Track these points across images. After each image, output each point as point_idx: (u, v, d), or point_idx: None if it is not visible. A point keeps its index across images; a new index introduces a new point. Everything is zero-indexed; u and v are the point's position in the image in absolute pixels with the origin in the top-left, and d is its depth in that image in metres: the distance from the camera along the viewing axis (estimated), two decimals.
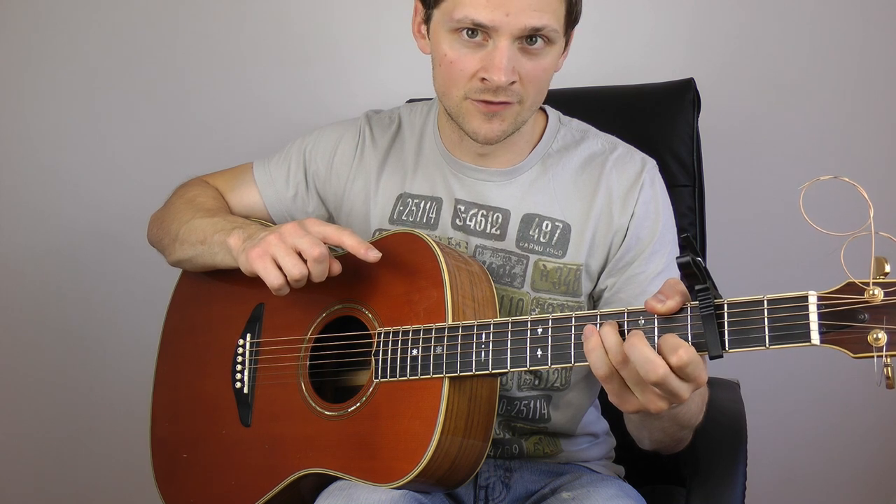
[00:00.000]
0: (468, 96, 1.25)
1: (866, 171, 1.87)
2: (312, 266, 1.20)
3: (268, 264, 1.21)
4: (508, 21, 1.18)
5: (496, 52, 1.20)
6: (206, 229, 1.36)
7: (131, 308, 2.09)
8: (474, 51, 1.22)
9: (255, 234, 1.27)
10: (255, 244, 1.23)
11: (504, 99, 1.24)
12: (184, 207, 1.44)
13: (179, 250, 1.42)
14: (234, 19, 2.07)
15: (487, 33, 1.20)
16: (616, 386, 1.03)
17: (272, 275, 1.21)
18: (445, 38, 1.24)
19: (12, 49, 2.10)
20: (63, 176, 2.13)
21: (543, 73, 1.25)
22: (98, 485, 2.20)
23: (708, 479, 1.34)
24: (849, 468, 2.01)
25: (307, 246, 1.20)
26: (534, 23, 1.19)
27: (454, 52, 1.23)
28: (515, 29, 1.19)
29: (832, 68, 1.89)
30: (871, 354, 0.90)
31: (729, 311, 0.98)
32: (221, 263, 1.35)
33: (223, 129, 2.08)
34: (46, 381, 2.18)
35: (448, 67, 1.25)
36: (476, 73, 1.22)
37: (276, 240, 1.21)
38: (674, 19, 1.93)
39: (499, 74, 1.20)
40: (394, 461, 1.16)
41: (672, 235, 1.35)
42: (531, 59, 1.23)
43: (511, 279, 1.34)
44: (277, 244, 1.21)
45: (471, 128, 1.27)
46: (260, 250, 1.22)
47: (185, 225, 1.40)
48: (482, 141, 1.28)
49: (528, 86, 1.24)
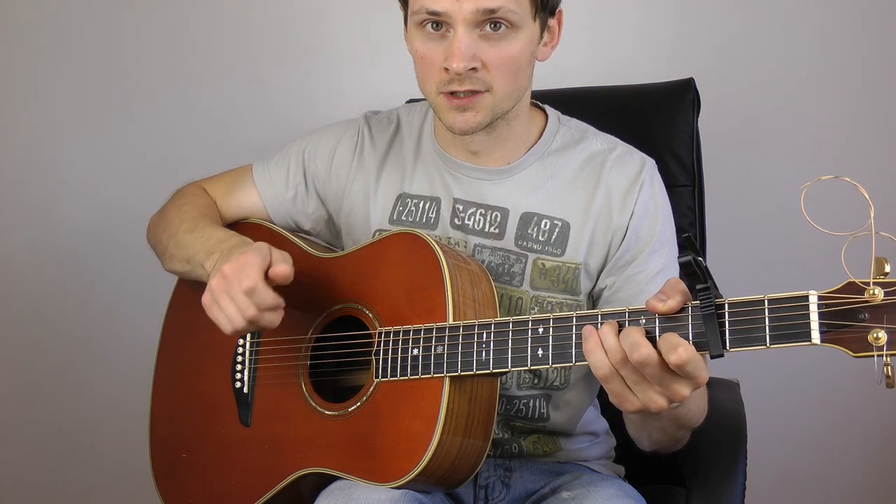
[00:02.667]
0: (440, 90, 1.25)
1: (866, 171, 1.87)
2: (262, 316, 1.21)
3: (216, 314, 1.23)
4: (460, 6, 1.18)
5: (454, 40, 1.20)
6: (188, 248, 1.36)
7: (131, 308, 2.09)
8: (438, 43, 1.23)
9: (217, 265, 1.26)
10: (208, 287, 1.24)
11: (469, 87, 1.23)
12: (174, 218, 1.44)
13: (170, 263, 1.43)
14: (233, 21, 2.07)
15: (448, 23, 1.21)
16: (616, 386, 1.03)
17: (225, 325, 1.22)
18: (416, 34, 1.25)
19: (13, 49, 2.10)
20: (63, 176, 2.13)
21: (511, 61, 1.24)
22: (97, 485, 2.20)
23: (708, 479, 1.34)
24: (849, 468, 2.01)
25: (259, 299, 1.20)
26: (485, 4, 1.19)
27: (423, 46, 1.24)
28: (468, 13, 1.19)
29: (832, 68, 1.89)
30: (872, 354, 0.91)
31: (730, 311, 0.98)
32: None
33: (223, 130, 2.08)
34: (46, 381, 2.18)
35: (420, 63, 1.26)
36: (442, 64, 1.23)
37: (217, 288, 1.21)
38: (674, 19, 1.93)
39: (457, 61, 1.20)
40: (394, 461, 1.16)
41: (671, 235, 1.35)
42: (494, 44, 1.22)
43: (510, 278, 1.34)
44: (219, 294, 1.21)
45: (447, 122, 1.28)
46: (207, 298, 1.23)
47: (172, 239, 1.41)
48: (458, 132, 1.28)
49: (494, 72, 1.23)
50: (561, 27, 1.32)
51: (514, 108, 1.30)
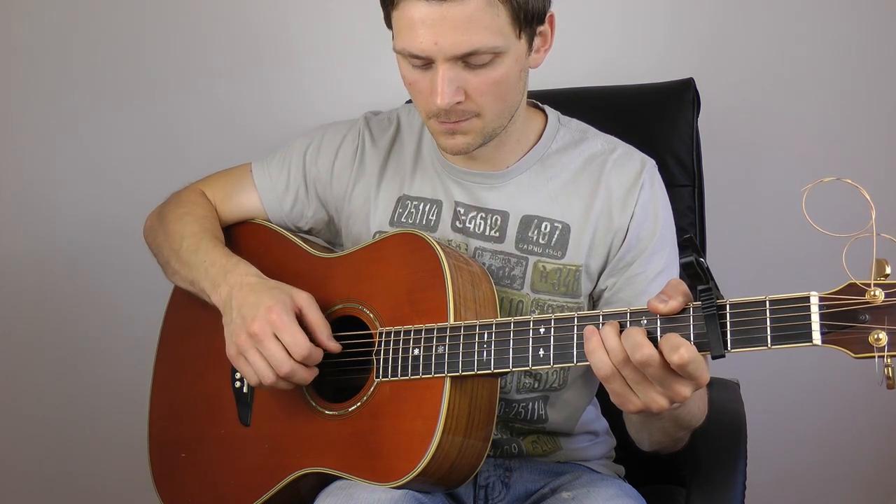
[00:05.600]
0: (430, 115, 1.25)
1: (868, 172, 1.87)
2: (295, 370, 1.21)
3: (243, 367, 1.24)
4: (439, 49, 1.16)
5: (436, 77, 1.19)
6: (191, 271, 1.36)
7: (131, 308, 2.08)
8: (423, 73, 1.21)
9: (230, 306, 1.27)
10: (231, 336, 1.25)
11: (456, 119, 1.23)
12: (175, 230, 1.43)
13: (173, 278, 1.44)
14: (231, 20, 2.06)
15: (427, 59, 1.19)
16: (618, 386, 1.03)
17: (251, 378, 1.23)
18: (401, 61, 1.24)
19: (11, 49, 2.10)
20: (63, 176, 2.12)
21: (497, 86, 1.22)
22: (96, 485, 2.20)
23: (708, 479, 1.34)
24: (849, 468, 2.01)
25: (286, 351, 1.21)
26: (463, 48, 1.16)
27: (411, 75, 1.23)
28: (447, 55, 1.17)
29: (833, 68, 1.89)
30: (872, 355, 0.91)
31: (731, 312, 0.98)
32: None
33: (222, 129, 2.07)
34: (44, 381, 2.17)
35: (411, 89, 1.25)
36: (429, 96, 1.22)
37: (246, 345, 1.22)
38: (674, 19, 1.93)
39: (440, 99, 1.19)
40: (394, 460, 1.17)
41: (672, 236, 1.35)
42: (478, 73, 1.19)
43: (511, 281, 1.34)
44: (247, 349, 1.22)
45: (439, 143, 1.29)
46: (233, 351, 1.24)
47: (174, 256, 1.40)
48: (451, 153, 1.29)
49: (480, 99, 1.22)
50: (554, 29, 1.28)
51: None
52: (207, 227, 1.42)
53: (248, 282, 1.28)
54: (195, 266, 1.36)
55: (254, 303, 1.23)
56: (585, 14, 1.87)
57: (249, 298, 1.24)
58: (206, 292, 1.33)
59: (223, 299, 1.28)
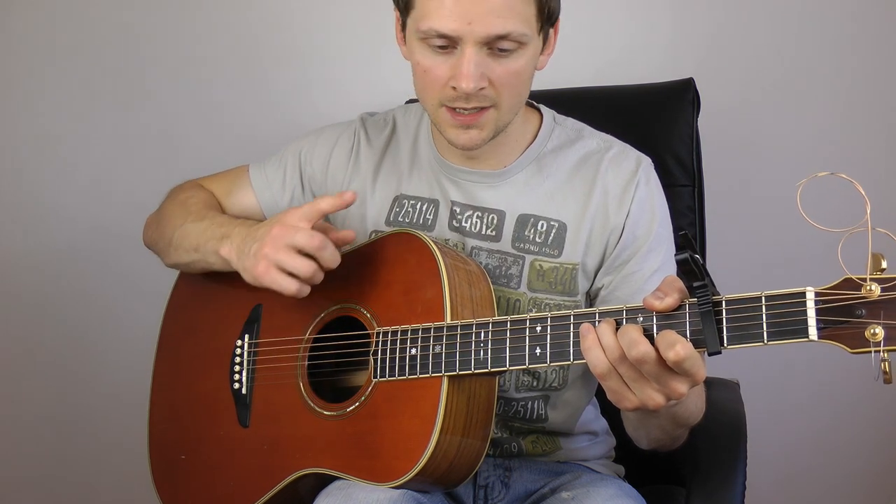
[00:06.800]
0: (443, 103, 1.25)
1: (864, 169, 1.87)
2: (321, 256, 1.22)
3: (276, 276, 1.23)
4: (472, 29, 1.17)
5: (462, 59, 1.19)
6: (198, 236, 1.37)
7: (130, 308, 2.09)
8: (444, 58, 1.21)
9: (245, 244, 1.28)
10: (254, 260, 1.24)
11: (476, 104, 1.23)
12: (177, 211, 1.45)
13: (175, 255, 1.43)
14: (231, 20, 2.06)
15: (454, 41, 1.20)
16: (614, 383, 1.03)
17: (286, 283, 1.22)
18: (417, 46, 1.24)
19: (10, 49, 2.10)
20: (63, 175, 2.12)
21: (516, 77, 1.24)
22: (96, 485, 2.20)
23: (708, 479, 1.33)
24: (849, 467, 2.00)
25: (305, 241, 1.21)
26: (497, 30, 1.18)
27: (426, 60, 1.23)
28: (479, 36, 1.18)
29: (832, 68, 1.89)
30: (869, 349, 0.91)
31: (727, 308, 0.98)
32: (218, 269, 1.37)
33: (221, 130, 2.08)
34: (45, 381, 2.18)
35: (422, 76, 1.25)
36: (448, 82, 1.22)
37: (272, 249, 1.22)
38: (674, 19, 1.93)
39: (466, 82, 1.19)
40: (393, 460, 1.16)
41: (668, 233, 1.35)
42: (501, 62, 1.21)
43: (507, 280, 1.34)
44: (275, 253, 1.22)
45: (448, 136, 1.28)
46: (263, 265, 1.23)
47: (178, 230, 1.41)
48: (461, 148, 1.29)
49: (500, 89, 1.23)
50: (557, 35, 1.31)
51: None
52: (212, 205, 1.46)
53: (253, 223, 1.32)
54: (200, 231, 1.37)
55: (261, 230, 1.26)
56: (586, 14, 1.87)
57: (259, 230, 1.27)
58: (214, 249, 1.33)
59: (235, 245, 1.30)
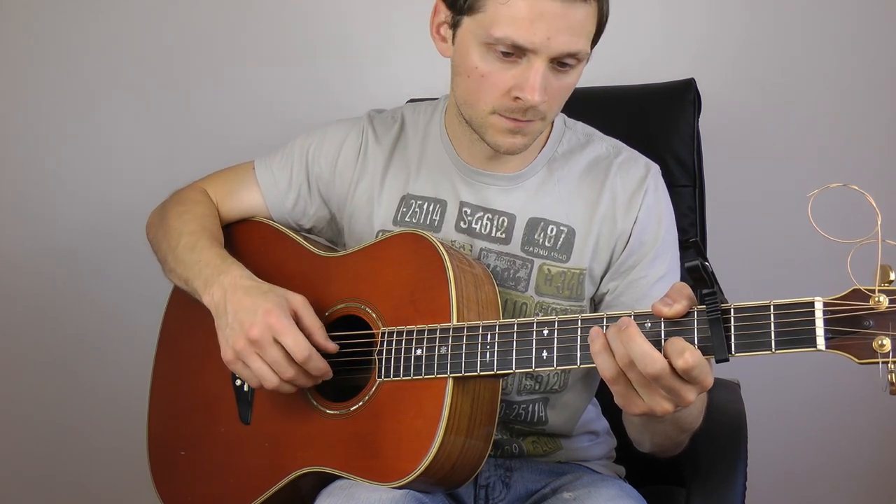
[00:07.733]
0: (497, 111, 1.23)
1: (869, 171, 1.88)
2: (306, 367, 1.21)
3: (242, 371, 1.23)
4: (549, 45, 1.16)
5: (531, 71, 1.18)
6: (186, 269, 1.35)
7: (131, 306, 2.08)
8: (508, 67, 1.20)
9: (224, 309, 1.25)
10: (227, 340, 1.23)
11: (531, 117, 1.23)
12: (174, 227, 1.42)
13: (169, 275, 1.43)
14: (239, 15, 2.06)
15: (523, 51, 1.18)
16: (622, 388, 1.03)
17: (252, 381, 1.23)
18: (477, 49, 1.21)
19: (12, 48, 2.09)
20: (63, 175, 2.12)
21: (567, 91, 1.25)
22: (95, 483, 2.19)
23: (708, 480, 1.34)
24: (849, 469, 2.01)
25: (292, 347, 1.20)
26: (571, 48, 1.18)
27: (487, 65, 1.20)
28: (554, 52, 1.17)
29: (833, 68, 1.89)
30: (876, 360, 0.91)
31: (735, 316, 0.98)
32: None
33: (226, 127, 2.07)
34: (43, 379, 2.17)
35: (478, 81, 1.22)
36: (509, 91, 1.20)
37: (245, 351, 1.21)
38: (674, 20, 1.93)
39: (533, 94, 1.18)
40: (396, 460, 1.17)
41: (674, 241, 1.35)
42: (559, 76, 1.21)
43: (515, 283, 1.34)
44: (247, 355, 1.21)
45: (493, 140, 1.27)
46: (230, 355, 1.23)
47: (171, 253, 1.40)
48: (504, 152, 1.28)
49: (552, 102, 1.23)
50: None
51: None
52: (206, 227, 1.41)
53: (242, 284, 1.26)
54: (190, 265, 1.35)
55: (250, 306, 1.22)
56: None
57: (245, 302, 1.23)
58: (198, 292, 1.31)
59: (216, 301, 1.27)
